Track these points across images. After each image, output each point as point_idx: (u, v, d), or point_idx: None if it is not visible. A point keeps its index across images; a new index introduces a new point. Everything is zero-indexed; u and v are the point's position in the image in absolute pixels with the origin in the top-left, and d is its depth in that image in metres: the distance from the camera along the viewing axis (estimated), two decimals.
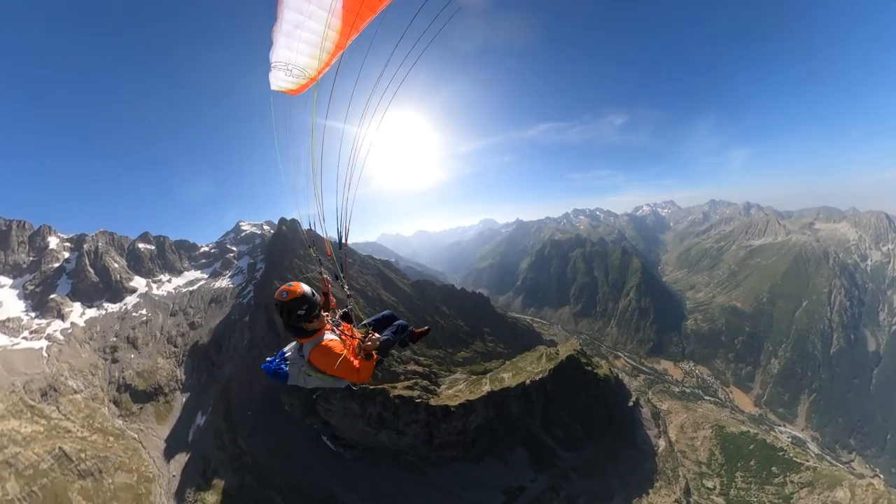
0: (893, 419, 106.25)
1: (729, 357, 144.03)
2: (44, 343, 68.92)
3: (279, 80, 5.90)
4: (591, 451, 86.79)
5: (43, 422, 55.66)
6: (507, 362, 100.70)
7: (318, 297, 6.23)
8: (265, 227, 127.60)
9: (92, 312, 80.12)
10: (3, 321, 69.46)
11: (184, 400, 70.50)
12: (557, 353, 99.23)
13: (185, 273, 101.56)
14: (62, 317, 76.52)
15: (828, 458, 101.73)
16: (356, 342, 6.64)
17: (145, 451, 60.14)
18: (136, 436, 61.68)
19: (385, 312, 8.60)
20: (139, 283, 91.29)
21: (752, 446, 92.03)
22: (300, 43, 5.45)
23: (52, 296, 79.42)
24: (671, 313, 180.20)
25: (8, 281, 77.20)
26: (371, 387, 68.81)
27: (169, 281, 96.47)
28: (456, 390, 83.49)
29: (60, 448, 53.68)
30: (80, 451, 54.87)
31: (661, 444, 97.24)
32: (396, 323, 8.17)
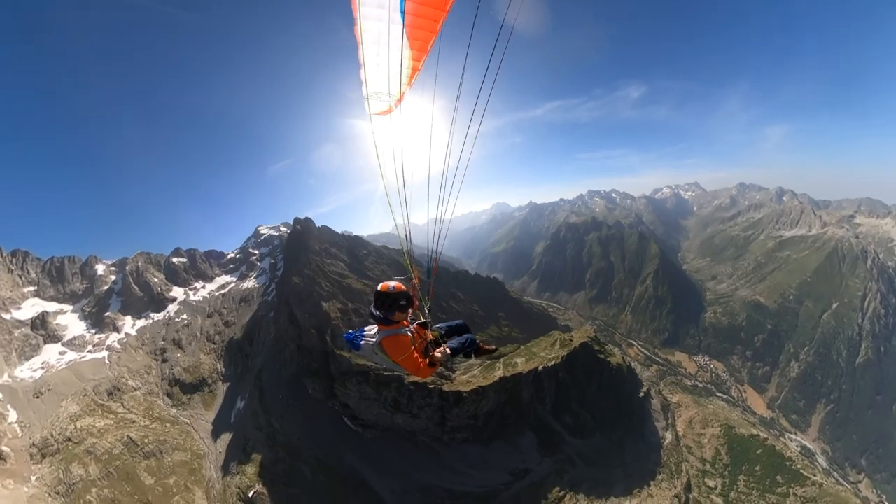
0: None
1: (746, 355, 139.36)
2: (105, 353, 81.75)
3: (375, 106, 7.17)
4: (599, 440, 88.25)
5: (111, 416, 67.57)
6: (522, 347, 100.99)
7: (404, 293, 7.36)
8: (282, 228, 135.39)
9: (141, 322, 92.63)
10: (71, 340, 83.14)
11: (225, 388, 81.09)
12: (571, 340, 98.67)
13: (217, 279, 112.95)
14: (117, 329, 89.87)
15: (835, 474, 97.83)
16: (424, 343, 7.95)
17: (196, 433, 71.06)
18: (187, 421, 73.00)
19: (458, 322, 9.26)
20: (177, 292, 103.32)
21: (759, 451, 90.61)
22: (385, 75, 6.59)
23: (106, 313, 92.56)
24: (689, 304, 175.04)
25: (69, 307, 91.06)
26: (386, 373, 71.15)
27: (203, 287, 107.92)
28: (470, 375, 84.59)
29: (128, 436, 65.29)
30: (143, 437, 66.19)
31: (668, 437, 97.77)
32: (466, 336, 8.83)
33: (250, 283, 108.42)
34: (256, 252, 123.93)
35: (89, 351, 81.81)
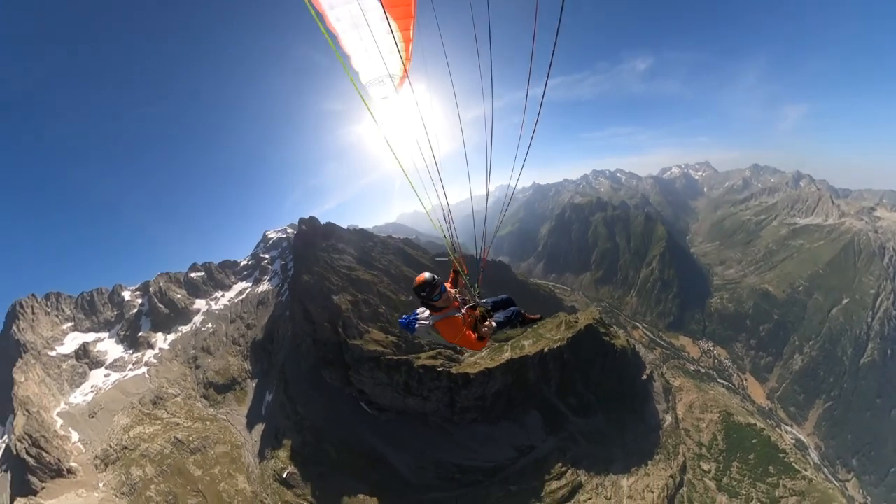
0: None
1: (751, 343, 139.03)
2: (144, 369, 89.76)
3: (379, 91, 6.56)
4: (601, 420, 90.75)
5: (158, 422, 75.65)
6: (528, 329, 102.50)
7: (437, 280, 7.89)
8: (289, 230, 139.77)
9: (171, 336, 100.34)
10: (112, 362, 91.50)
11: (254, 385, 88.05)
12: (576, 322, 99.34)
13: (234, 286, 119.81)
14: (151, 346, 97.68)
15: (825, 470, 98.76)
16: (473, 321, 8.54)
17: (233, 426, 78.77)
18: (224, 417, 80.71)
19: (504, 296, 9.80)
20: (200, 304, 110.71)
21: (755, 440, 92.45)
22: (378, 56, 5.95)
23: (139, 334, 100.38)
24: (696, 288, 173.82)
25: (105, 334, 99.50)
26: (396, 357, 74.96)
27: (222, 296, 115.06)
28: (478, 357, 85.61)
29: (174, 437, 73.41)
30: (188, 436, 74.45)
31: (668, 419, 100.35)
32: (511, 309, 9.34)
33: (265, 287, 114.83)
34: (267, 256, 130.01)
35: (130, 369, 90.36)
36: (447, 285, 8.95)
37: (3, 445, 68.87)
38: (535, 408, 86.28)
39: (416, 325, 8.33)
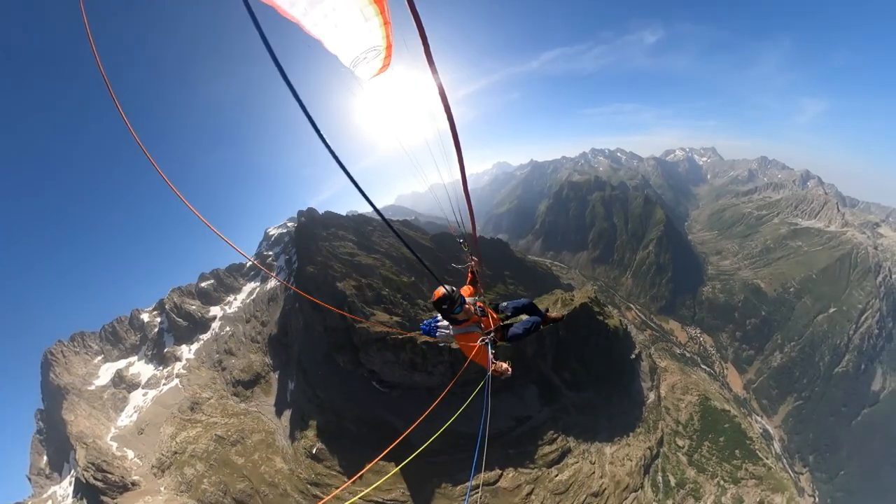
0: (855, 461, 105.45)
1: (736, 335, 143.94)
2: (176, 380, 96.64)
3: (367, 70, 5.67)
4: (591, 393, 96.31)
5: (199, 424, 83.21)
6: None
7: (456, 293, 7.61)
8: (289, 224, 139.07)
9: (195, 346, 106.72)
10: (147, 382, 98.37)
11: (276, 376, 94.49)
12: (572, 299, 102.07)
13: (244, 288, 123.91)
14: (178, 359, 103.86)
15: (784, 461, 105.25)
16: (492, 331, 8.16)
17: (264, 416, 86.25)
18: (255, 409, 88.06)
19: (524, 301, 9.39)
20: (215, 310, 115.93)
21: (727, 425, 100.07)
22: (351, 31, 4.99)
23: (165, 350, 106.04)
24: (690, 275, 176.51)
25: (134, 358, 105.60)
26: (401, 336, 79.20)
27: (235, 299, 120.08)
28: None
29: (215, 434, 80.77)
30: (226, 432, 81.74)
31: (651, 397, 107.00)
32: (530, 319, 9.01)
33: (273, 283, 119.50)
34: (271, 253, 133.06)
35: (164, 384, 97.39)
36: (466, 292, 8.81)
37: (74, 479, 77.72)
38: (532, 381, 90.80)
39: (437, 334, 8.56)
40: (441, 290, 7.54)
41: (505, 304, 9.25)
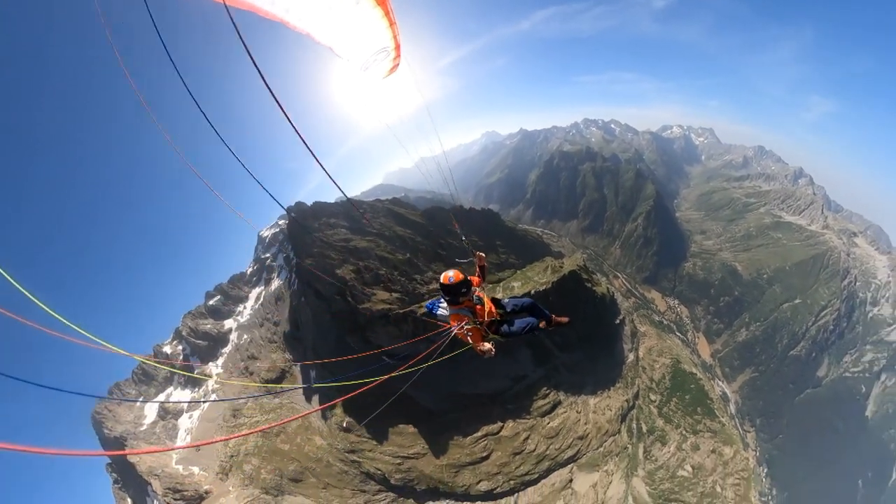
0: (792, 429, 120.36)
1: (710, 310, 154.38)
2: (213, 396, 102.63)
3: (380, 69, 6.04)
4: (580, 354, 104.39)
5: (244, 427, 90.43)
6: (518, 272, 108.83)
7: (468, 278, 8.50)
8: (280, 222, 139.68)
9: (220, 361, 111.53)
10: (189, 405, 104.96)
11: (298, 368, 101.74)
12: (562, 267, 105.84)
13: (250, 295, 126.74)
14: (209, 377, 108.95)
15: (736, 421, 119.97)
16: (487, 319, 8.91)
17: (296, 405, 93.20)
18: (288, 401, 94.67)
19: (527, 301, 9.53)
20: (229, 323, 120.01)
21: (692, 386, 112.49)
22: (360, 34, 5.41)
23: (195, 372, 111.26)
24: (674, 250, 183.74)
25: (170, 389, 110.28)
26: (401, 311, 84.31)
27: (244, 308, 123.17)
28: None
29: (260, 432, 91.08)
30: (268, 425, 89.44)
31: (630, 357, 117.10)
32: (528, 320, 9.22)
33: (276, 283, 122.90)
34: (268, 255, 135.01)
35: (203, 402, 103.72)
36: (474, 281, 9.37)
37: None
38: (526, 345, 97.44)
39: (437, 312, 9.37)
40: (459, 275, 8.23)
41: (507, 300, 9.62)
